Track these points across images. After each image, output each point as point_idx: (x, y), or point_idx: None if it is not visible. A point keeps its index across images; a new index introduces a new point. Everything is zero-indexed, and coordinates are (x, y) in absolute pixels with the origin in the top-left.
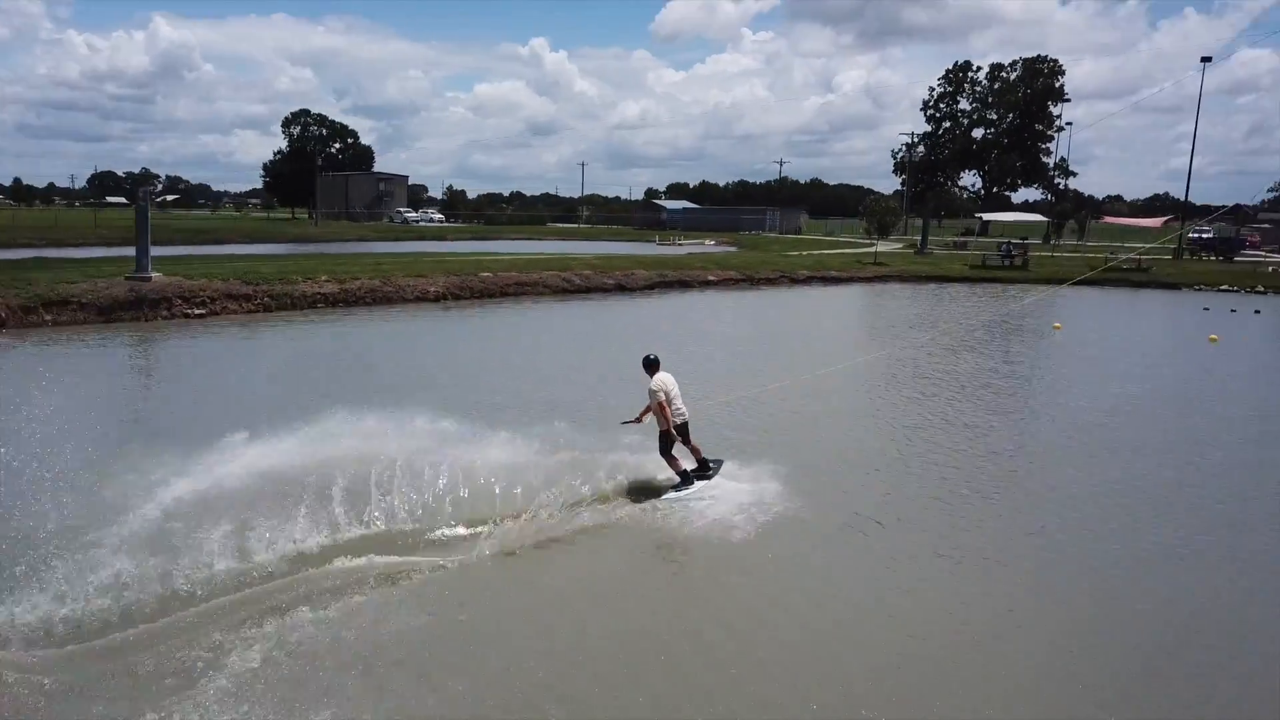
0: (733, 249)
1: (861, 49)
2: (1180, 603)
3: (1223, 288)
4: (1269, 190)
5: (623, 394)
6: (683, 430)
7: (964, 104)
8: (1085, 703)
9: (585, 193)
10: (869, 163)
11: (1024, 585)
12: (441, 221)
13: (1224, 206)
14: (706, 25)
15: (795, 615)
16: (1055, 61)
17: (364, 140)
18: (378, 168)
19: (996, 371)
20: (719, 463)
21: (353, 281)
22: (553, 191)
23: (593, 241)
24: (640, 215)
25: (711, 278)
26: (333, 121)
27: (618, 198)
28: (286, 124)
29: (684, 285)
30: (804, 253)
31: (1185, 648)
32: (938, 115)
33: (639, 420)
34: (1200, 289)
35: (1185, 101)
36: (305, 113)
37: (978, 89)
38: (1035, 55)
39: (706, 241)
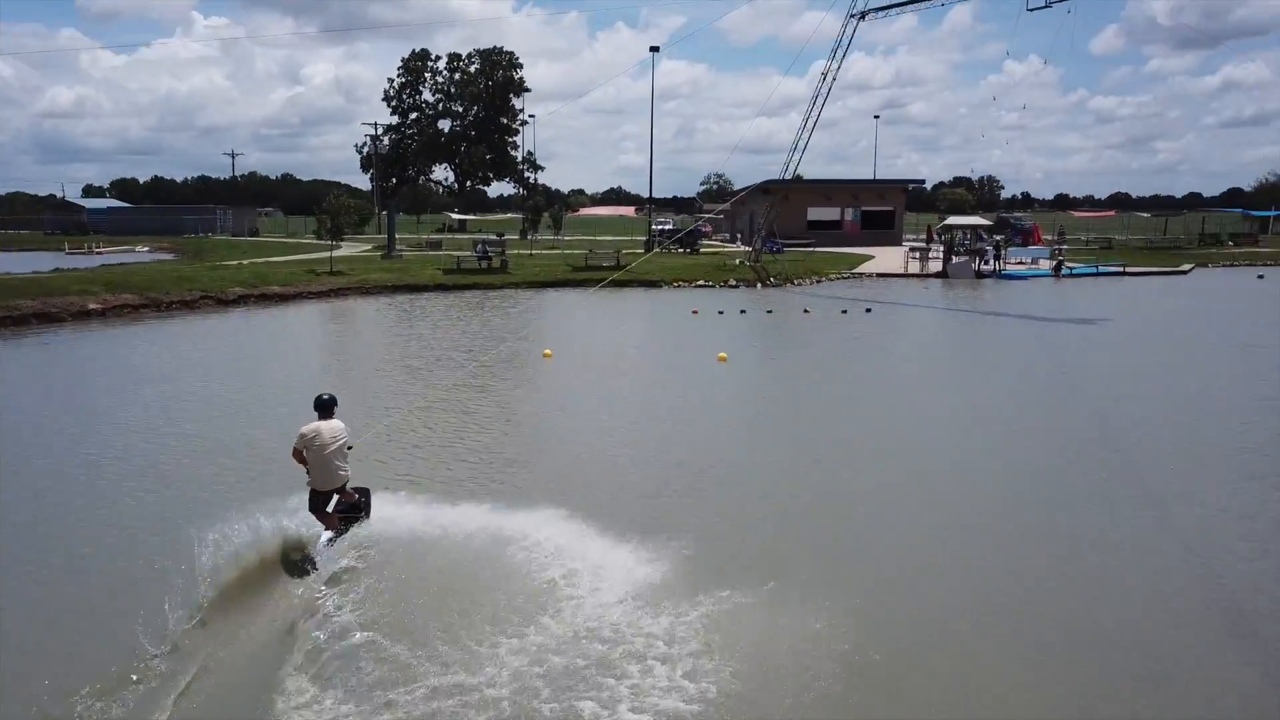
0: (170, 256)
1: (327, 42)
2: None
3: (700, 283)
4: (701, 184)
5: None
6: (340, 490)
7: (427, 95)
8: None
9: (6, 190)
10: (345, 158)
11: None
12: None
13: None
14: (148, 6)
15: None
16: (512, 54)
17: None
18: None
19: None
20: (365, 491)
21: None
22: None
23: None
24: (53, 218)
25: (96, 305)
26: None
27: (52, 196)
28: None
29: (48, 320)
30: (244, 262)
31: None
32: (403, 107)
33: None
34: (680, 286)
35: (626, 105)
36: None
37: (439, 79)
38: (492, 47)
39: (139, 248)
